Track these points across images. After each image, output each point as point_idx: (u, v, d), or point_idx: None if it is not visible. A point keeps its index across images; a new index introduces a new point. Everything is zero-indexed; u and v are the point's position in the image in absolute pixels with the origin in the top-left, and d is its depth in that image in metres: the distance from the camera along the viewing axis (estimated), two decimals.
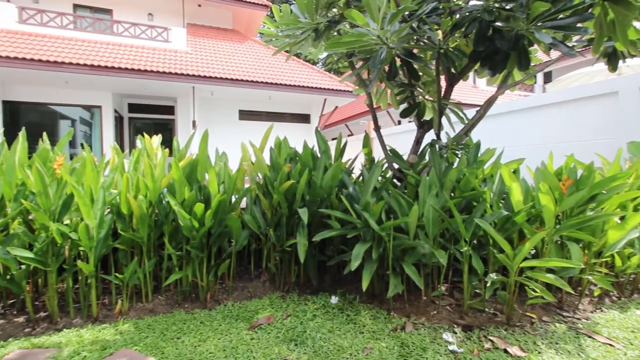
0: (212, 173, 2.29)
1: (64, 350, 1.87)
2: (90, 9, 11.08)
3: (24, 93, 9.02)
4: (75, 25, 9.28)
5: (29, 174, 2.19)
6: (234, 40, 11.76)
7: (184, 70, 8.70)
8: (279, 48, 2.98)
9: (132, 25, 9.70)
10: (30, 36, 8.49)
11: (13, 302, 2.47)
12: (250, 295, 2.60)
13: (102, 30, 9.50)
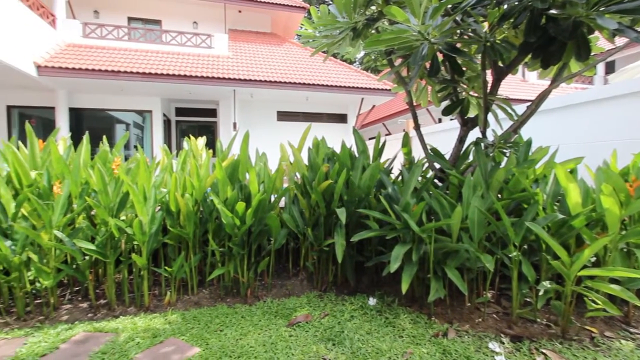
0: (253, 173, 2.37)
1: (120, 335, 2.03)
2: (142, 21, 11.96)
3: (86, 100, 9.95)
4: (129, 36, 10.06)
5: (92, 173, 2.41)
6: (273, 43, 12.05)
7: (226, 74, 9.08)
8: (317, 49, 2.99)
9: (179, 34, 10.31)
10: (92, 48, 9.34)
11: (78, 290, 2.73)
12: (288, 293, 2.65)
13: (152, 40, 10.20)
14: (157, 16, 11.96)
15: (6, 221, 2.19)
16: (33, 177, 2.39)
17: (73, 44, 9.41)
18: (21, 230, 2.14)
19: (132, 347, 1.89)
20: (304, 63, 10.82)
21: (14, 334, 2.06)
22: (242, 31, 12.65)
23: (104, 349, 1.87)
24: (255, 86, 9.28)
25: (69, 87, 9.28)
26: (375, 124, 16.29)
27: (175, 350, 1.86)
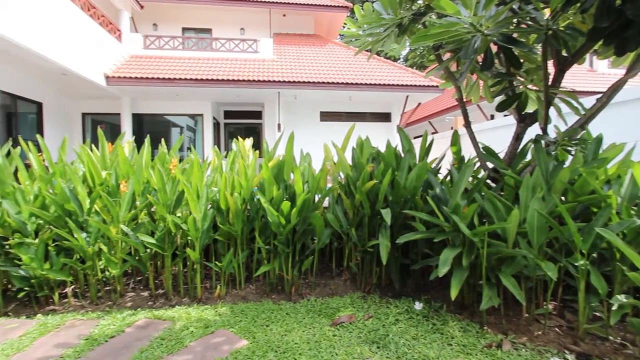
0: (298, 173, 2.41)
1: (176, 323, 2.18)
2: (195, 30, 12.77)
3: (146, 106, 10.87)
4: (183, 45, 10.79)
5: (152, 173, 2.62)
6: (316, 45, 12.19)
7: (271, 77, 9.37)
8: (361, 48, 2.97)
9: (228, 41, 10.84)
10: (152, 59, 10.18)
11: (140, 279, 2.98)
12: (331, 293, 2.66)
13: (203, 48, 10.84)
14: (208, 25, 12.68)
15: (82, 215, 2.46)
16: (104, 177, 2.66)
17: (136, 55, 10.32)
18: (94, 224, 2.40)
19: (186, 335, 2.02)
20: (347, 63, 10.79)
21: (88, 316, 2.31)
22: (287, 34, 12.94)
23: (162, 335, 2.02)
24: (298, 88, 9.45)
25: (132, 95, 10.19)
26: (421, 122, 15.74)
27: (225, 342, 1.95)
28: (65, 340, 1.99)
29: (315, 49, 11.81)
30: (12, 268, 2.37)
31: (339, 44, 12.44)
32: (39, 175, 2.71)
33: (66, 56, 7.20)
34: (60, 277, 2.37)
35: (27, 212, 2.41)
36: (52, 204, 2.44)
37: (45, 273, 2.33)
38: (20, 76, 7.87)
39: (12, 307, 2.50)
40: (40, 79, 8.54)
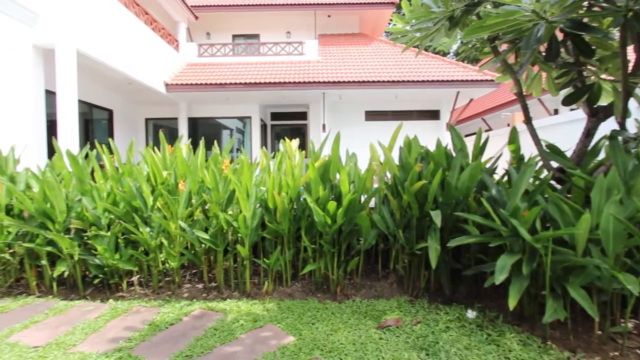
0: (344, 173, 2.41)
1: (228, 316, 2.30)
2: (244, 37, 13.37)
3: (200, 110, 11.62)
4: (233, 51, 11.35)
5: (206, 173, 2.79)
6: (361, 44, 12.08)
7: (316, 78, 9.48)
8: (409, 44, 2.88)
9: (274, 45, 11.18)
10: (205, 65, 10.85)
11: (195, 272, 3.19)
12: (377, 295, 2.61)
13: (252, 53, 11.31)
14: (256, 31, 13.20)
15: (146, 211, 2.70)
16: (164, 176, 2.88)
17: (191, 63, 11.07)
18: (156, 220, 2.61)
19: (237, 327, 2.12)
20: (393, 60, 10.55)
21: (151, 304, 2.53)
22: (332, 35, 13.01)
23: (215, 326, 2.14)
24: (343, 87, 9.44)
25: (188, 100, 10.95)
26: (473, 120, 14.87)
27: (273, 336, 2.01)
28: (132, 324, 2.19)
29: (360, 48, 11.71)
30: (89, 257, 2.67)
31: (385, 41, 12.20)
32: (111, 174, 3.02)
33: (132, 67, 7.94)
34: (127, 266, 2.62)
35: (101, 208, 2.69)
36: (122, 200, 2.70)
37: (116, 262, 2.59)
38: (95, 87, 8.85)
39: (89, 291, 2.81)
40: (110, 88, 9.53)
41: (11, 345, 1.95)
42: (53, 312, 2.40)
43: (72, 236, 2.72)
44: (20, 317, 2.34)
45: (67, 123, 5.92)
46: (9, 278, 2.90)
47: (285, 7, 11.97)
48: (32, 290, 2.80)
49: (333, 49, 11.73)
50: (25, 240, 2.76)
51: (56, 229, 2.63)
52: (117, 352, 1.86)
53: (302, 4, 11.80)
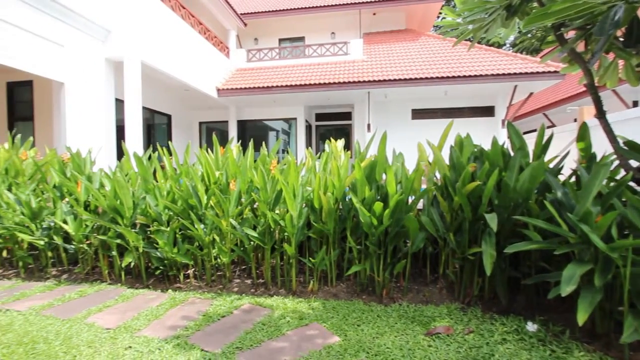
0: (391, 173, 2.35)
1: (275, 312, 2.36)
2: (290, 40, 13.70)
3: (248, 113, 12.13)
4: (279, 55, 11.68)
5: (255, 174, 2.90)
6: (408, 40, 11.73)
7: (361, 77, 9.39)
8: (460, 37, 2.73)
9: (319, 46, 11.30)
10: (253, 70, 11.30)
11: (244, 268, 3.33)
12: (425, 300, 2.52)
13: (297, 55, 11.54)
14: (301, 34, 13.45)
15: (201, 209, 2.88)
16: (217, 176, 3.05)
17: (240, 68, 11.60)
18: (210, 217, 2.77)
19: (284, 324, 2.17)
20: (442, 55, 10.10)
21: (204, 296, 2.69)
22: (377, 33, 12.81)
23: (263, 321, 2.22)
24: (389, 86, 9.24)
25: (237, 104, 11.49)
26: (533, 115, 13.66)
27: (319, 335, 2.03)
28: (188, 314, 2.35)
29: (407, 45, 11.38)
30: (151, 250, 2.92)
31: (434, 36, 11.72)
32: (170, 175, 3.27)
33: (188, 74, 8.53)
34: (184, 260, 2.81)
35: (162, 205, 2.93)
36: (180, 198, 2.91)
37: (174, 256, 2.80)
38: (156, 94, 9.65)
39: (152, 281, 3.07)
40: (169, 95, 10.33)
41: (89, 325, 2.20)
42: (122, 299, 2.66)
43: (138, 230, 2.99)
44: (95, 301, 2.62)
45: (133, 128, 6.53)
46: (86, 266, 3.27)
47: (330, 8, 12.04)
48: (104, 277, 3.13)
49: (378, 47, 11.54)
50: (99, 233, 3.10)
51: (124, 224, 2.90)
52: (175, 339, 2.01)
53: (347, 4, 11.77)
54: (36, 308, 2.49)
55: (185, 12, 8.61)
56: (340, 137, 7.68)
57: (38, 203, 3.29)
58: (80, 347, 1.92)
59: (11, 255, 3.55)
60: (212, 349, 1.89)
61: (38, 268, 3.45)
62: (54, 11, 5.41)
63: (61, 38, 5.59)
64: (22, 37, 4.99)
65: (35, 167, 3.82)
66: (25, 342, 1.96)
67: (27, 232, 3.18)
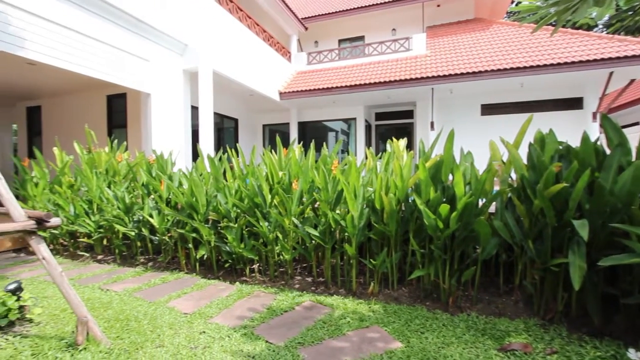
0: (459, 173, 2.20)
1: (335, 311, 2.38)
2: (349, 40, 13.68)
3: (308, 115, 12.42)
4: (339, 56, 11.74)
5: (316, 174, 2.95)
6: (477, 30, 10.89)
7: (424, 73, 8.98)
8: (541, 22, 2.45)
9: (379, 44, 11.09)
10: (313, 72, 11.54)
11: (305, 266, 3.42)
12: (498, 312, 2.30)
13: (357, 55, 11.48)
14: (361, 33, 13.34)
15: (265, 207, 3.02)
16: (280, 176, 3.17)
17: (301, 71, 11.94)
18: (274, 215, 2.90)
19: (344, 324, 2.17)
20: (518, 44, 9.16)
21: (268, 290, 2.82)
22: (441, 25, 12.12)
23: (323, 319, 2.24)
24: (455, 81, 8.68)
25: (297, 106, 11.85)
26: (634, 106, 11.65)
27: (380, 339, 1.99)
28: (253, 306, 2.49)
29: (476, 35, 10.57)
30: (222, 244, 3.15)
31: (507, 23, 10.70)
32: (238, 174, 3.50)
33: (253, 80, 9.04)
34: (250, 255, 2.98)
35: (231, 203, 3.14)
36: (246, 197, 3.09)
37: (241, 251, 2.98)
38: (224, 100, 10.41)
39: (221, 273, 3.31)
40: (236, 100, 11.06)
41: (170, 309, 2.45)
42: (197, 287, 2.92)
43: (210, 226, 3.26)
44: (175, 287, 2.92)
45: (206, 132, 7.13)
46: (168, 256, 3.66)
47: (390, 5, 11.74)
48: (182, 267, 3.47)
49: (443, 40, 10.91)
50: (178, 227, 3.44)
51: (199, 219, 3.18)
52: (243, 328, 2.14)
53: None
54: (129, 290, 2.86)
55: (251, 22, 9.14)
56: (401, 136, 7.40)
57: (130, 199, 3.77)
58: (163, 327, 2.15)
59: (110, 243, 4.14)
60: (275, 342, 1.96)
61: (130, 255, 3.97)
62: (142, 31, 6.17)
63: (148, 54, 6.35)
64: (119, 57, 5.79)
65: (128, 167, 4.40)
66: (121, 319, 2.27)
67: (122, 224, 3.68)
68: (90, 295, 2.74)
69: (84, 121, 7.29)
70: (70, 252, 4.21)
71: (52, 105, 8.59)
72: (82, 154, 4.48)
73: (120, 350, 1.86)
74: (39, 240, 1.88)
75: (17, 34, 4.24)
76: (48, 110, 8.67)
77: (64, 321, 2.25)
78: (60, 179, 4.32)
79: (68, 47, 4.90)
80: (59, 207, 4.07)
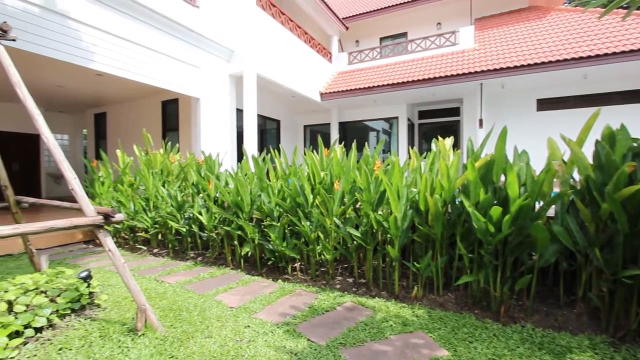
0: (512, 174, 2.05)
1: (377, 314, 2.34)
2: (391, 37, 13.39)
3: (349, 115, 12.37)
4: (380, 54, 11.54)
5: (358, 174, 2.93)
6: (532, 19, 10.08)
7: (472, 68, 8.51)
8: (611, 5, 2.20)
9: (423, 40, 10.72)
10: (354, 72, 11.47)
11: (346, 267, 3.40)
12: (557, 326, 2.11)
13: (399, 52, 11.20)
14: (404, 29, 13.00)
15: (307, 207, 3.06)
16: (322, 176, 3.19)
17: (342, 71, 11.92)
18: (315, 215, 2.92)
19: (386, 327, 2.13)
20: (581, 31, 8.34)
21: (309, 289, 2.84)
22: (491, 16, 11.40)
23: (365, 321, 2.21)
24: (508, 74, 8.11)
25: (338, 106, 11.85)
26: None
27: (424, 345, 1.91)
28: (295, 304, 2.53)
29: (531, 25, 9.79)
30: (265, 242, 3.24)
31: (568, 9, 9.78)
32: (280, 174, 3.58)
33: (295, 82, 9.21)
34: (291, 254, 3.03)
35: (274, 202, 3.22)
36: (288, 197, 3.15)
37: (283, 249, 3.04)
38: (267, 102, 10.72)
39: (264, 270, 3.41)
40: (278, 102, 11.34)
41: (217, 302, 2.58)
42: (242, 283, 3.03)
43: (254, 224, 3.37)
44: (221, 282, 3.06)
45: (250, 133, 7.40)
46: (215, 252, 3.86)
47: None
48: (228, 263, 3.63)
49: (493, 32, 10.26)
50: (225, 224, 3.60)
51: (244, 218, 3.31)
52: (285, 325, 2.18)
53: None
54: (181, 283, 3.05)
55: (293, 25, 9.32)
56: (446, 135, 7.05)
57: (182, 197, 4.03)
58: (212, 319, 2.27)
59: (164, 238, 4.46)
60: (317, 340, 1.98)
61: (181, 250, 4.24)
62: (194, 40, 6.57)
63: (198, 61, 6.74)
64: (174, 65, 6.22)
65: (180, 168, 4.70)
66: (174, 309, 2.43)
67: (175, 221, 3.94)
68: (147, 285, 2.97)
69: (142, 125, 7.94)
70: (130, 245, 4.60)
71: (115, 111, 9.47)
72: (140, 155, 4.88)
73: (173, 338, 2.00)
74: (106, 234, 2.08)
75: (88, 48, 4.73)
76: (112, 116, 9.57)
77: (125, 308, 2.46)
78: (122, 178, 4.74)
79: (130, 58, 5.37)
80: (121, 204, 4.47)
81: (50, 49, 4.27)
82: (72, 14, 4.51)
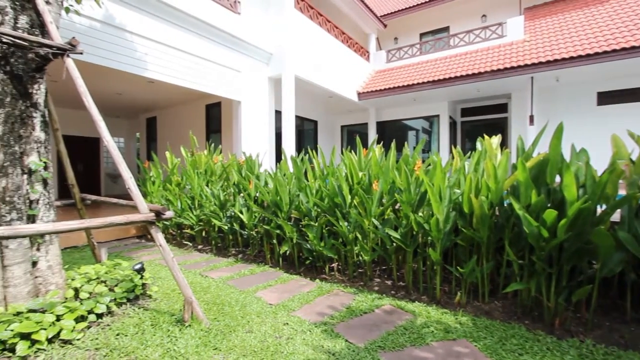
0: (570, 174, 1.88)
1: (417, 318, 2.26)
2: (432, 33, 12.93)
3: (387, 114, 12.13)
4: (420, 50, 11.18)
5: (397, 174, 2.86)
6: (590, 5, 9.20)
7: (521, 61, 7.95)
8: None
9: (466, 34, 10.21)
10: (393, 70, 11.23)
11: (384, 269, 3.34)
12: (623, 343, 1.90)
13: (441, 48, 10.77)
14: (445, 24, 12.48)
15: (345, 207, 3.04)
16: (360, 177, 3.16)
17: (380, 70, 11.73)
18: (353, 215, 2.90)
19: (427, 333, 2.05)
20: None
21: (347, 290, 2.83)
22: (543, 5, 10.59)
23: (405, 325, 2.16)
24: (564, 66, 7.46)
25: (376, 105, 11.67)
26: None
27: (469, 355, 1.82)
28: (332, 304, 2.53)
29: (589, 11, 8.94)
30: (303, 242, 3.28)
31: None
32: (318, 175, 3.60)
33: (332, 82, 9.22)
34: (329, 254, 3.04)
35: (312, 202, 3.25)
36: (326, 197, 3.16)
37: (321, 249, 3.06)
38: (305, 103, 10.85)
39: (302, 269, 3.45)
40: (315, 102, 11.42)
41: (257, 299, 2.66)
42: (280, 281, 3.10)
43: (292, 223, 3.42)
44: (261, 279, 3.15)
45: (288, 134, 7.54)
46: (255, 250, 3.98)
47: None
48: (267, 261, 3.72)
49: (545, 21, 9.51)
50: (264, 223, 3.70)
51: (282, 217, 3.37)
52: (323, 324, 2.19)
53: None
54: (223, 278, 3.19)
55: (330, 25, 9.34)
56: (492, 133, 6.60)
57: (224, 196, 4.21)
58: (252, 315, 2.34)
59: (207, 235, 4.68)
60: (355, 342, 1.96)
61: (223, 247, 4.42)
62: (236, 45, 6.83)
63: (239, 66, 7.01)
64: (218, 71, 6.53)
65: (222, 168, 4.91)
66: (217, 303, 2.54)
67: (217, 219, 4.12)
68: (192, 279, 3.13)
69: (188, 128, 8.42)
70: (177, 241, 4.90)
71: (165, 116, 10.13)
72: (186, 156, 5.17)
73: (217, 331, 2.09)
74: (157, 230, 2.23)
75: (142, 58, 5.11)
76: (161, 120, 10.26)
77: (173, 300, 2.62)
78: (171, 178, 5.06)
79: (178, 65, 5.72)
80: (169, 202, 4.77)
81: (110, 60, 4.67)
82: (128, 27, 4.89)
